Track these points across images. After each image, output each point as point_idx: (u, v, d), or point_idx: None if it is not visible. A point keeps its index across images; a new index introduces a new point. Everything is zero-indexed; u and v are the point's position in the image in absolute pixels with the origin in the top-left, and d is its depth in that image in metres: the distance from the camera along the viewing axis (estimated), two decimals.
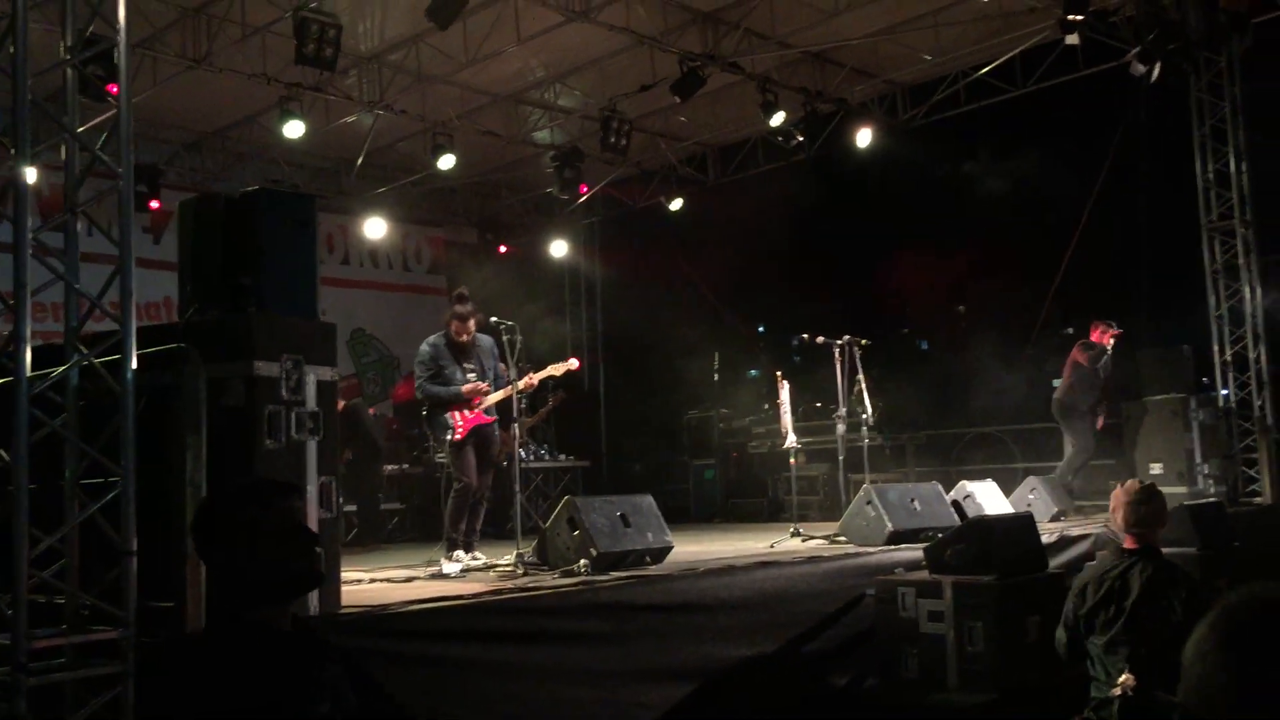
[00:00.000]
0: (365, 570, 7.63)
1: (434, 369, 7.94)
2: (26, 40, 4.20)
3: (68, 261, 4.55)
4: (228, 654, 2.46)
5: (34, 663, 4.10)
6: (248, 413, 4.88)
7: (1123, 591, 4.99)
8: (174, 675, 2.51)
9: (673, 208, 15.67)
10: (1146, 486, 5.22)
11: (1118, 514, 5.14)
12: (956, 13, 11.57)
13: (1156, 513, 5.13)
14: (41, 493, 4.30)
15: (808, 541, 8.82)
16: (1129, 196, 13.47)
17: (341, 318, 15.44)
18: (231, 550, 2.50)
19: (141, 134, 13.35)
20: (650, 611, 6.01)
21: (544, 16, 10.87)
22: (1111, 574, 5.08)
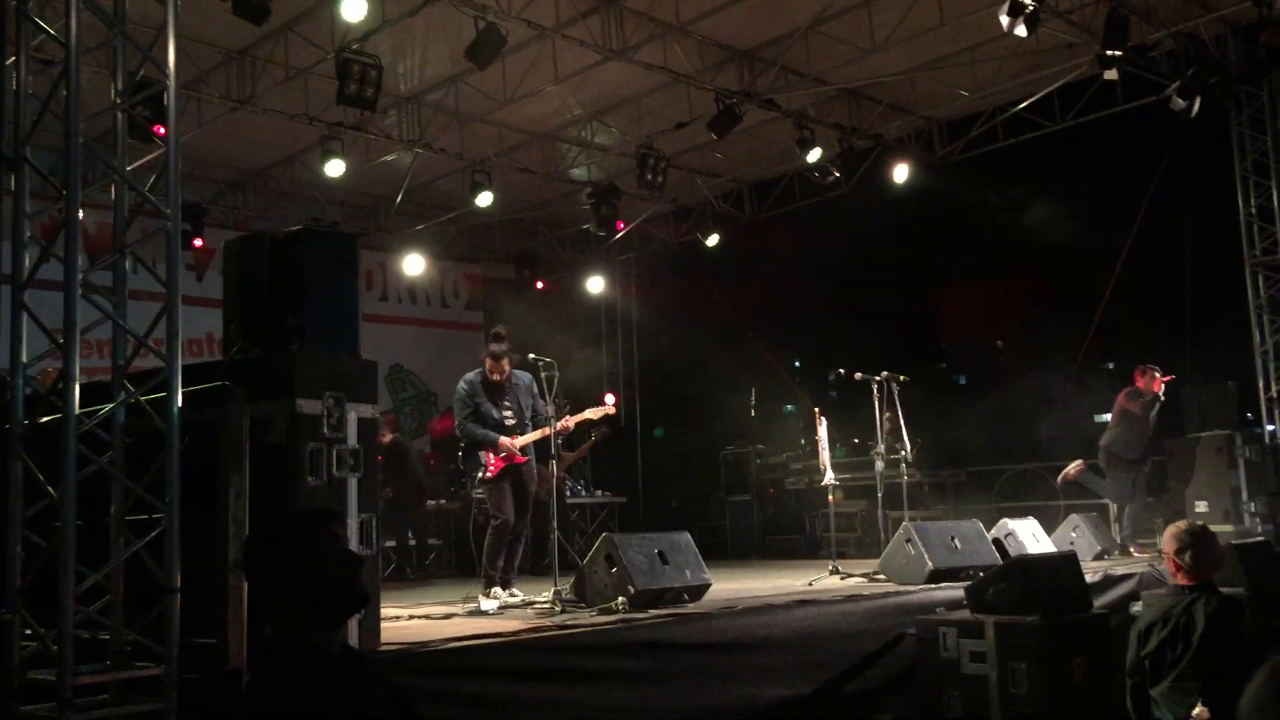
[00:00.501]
0: (404, 606, 7.64)
1: (472, 406, 7.97)
2: (79, 85, 4.29)
3: (116, 300, 4.62)
4: (281, 678, 2.55)
5: (78, 698, 4.13)
6: (290, 450, 4.91)
7: (1188, 627, 4.99)
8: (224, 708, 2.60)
9: (709, 244, 15.71)
10: (1203, 527, 5.29)
11: (1183, 554, 5.12)
12: (993, 48, 11.58)
13: (1219, 552, 5.27)
14: (88, 529, 4.35)
15: (847, 579, 8.74)
16: (1170, 231, 13.34)
17: (379, 354, 15.46)
18: (284, 575, 2.63)
19: (186, 173, 13.54)
20: (688, 650, 5.97)
21: (581, 56, 10.98)
22: (1175, 610, 5.05)
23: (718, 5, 10.60)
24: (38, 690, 4.16)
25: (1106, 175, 13.90)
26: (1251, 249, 11.96)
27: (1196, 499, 11.11)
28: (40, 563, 4.24)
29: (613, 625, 6.09)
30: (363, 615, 5.08)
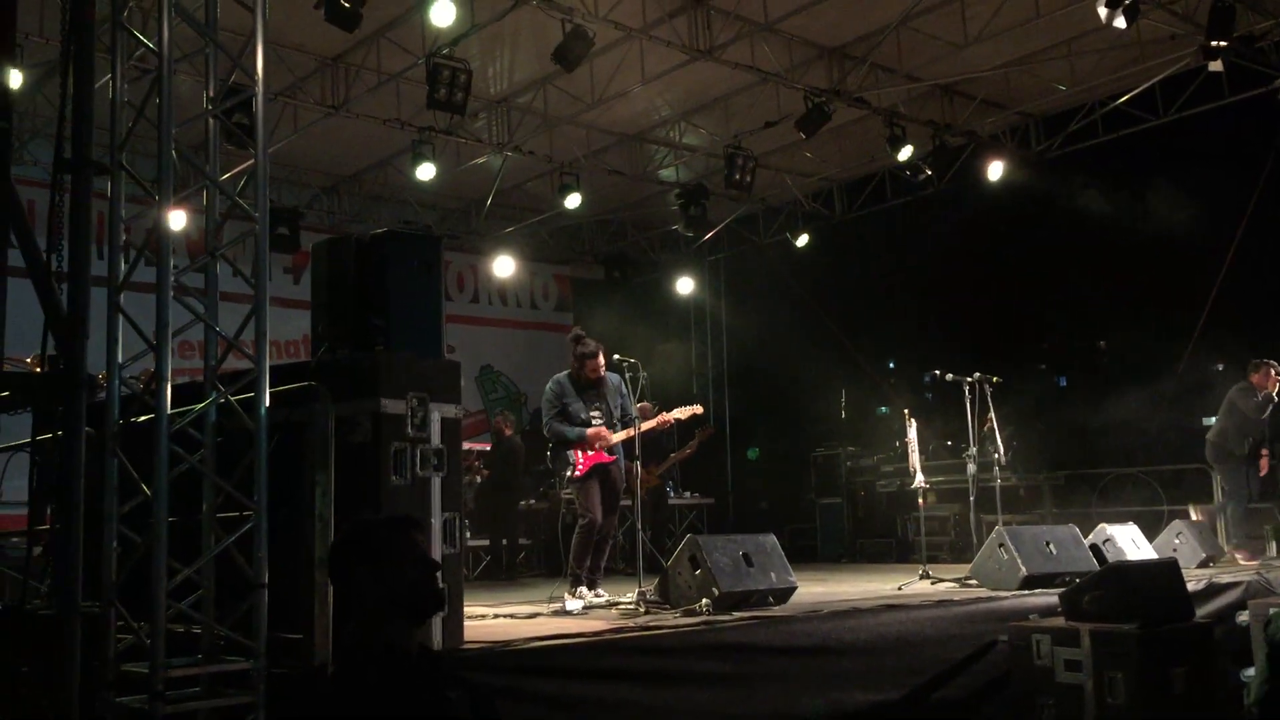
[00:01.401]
0: (490, 605, 7.71)
1: (559, 406, 8.00)
2: (171, 93, 4.40)
3: (207, 303, 4.73)
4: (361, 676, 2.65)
5: (170, 690, 4.24)
6: (374, 449, 4.98)
7: None
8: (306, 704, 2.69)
9: (799, 243, 15.58)
10: None
11: None
12: (1091, 41, 11.27)
13: None
14: (180, 525, 4.46)
15: (937, 584, 8.57)
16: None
17: (470, 355, 15.81)
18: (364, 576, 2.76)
19: (283, 178, 13.94)
20: (773, 653, 5.90)
21: (668, 56, 10.98)
22: None
23: (806, 2, 10.52)
24: (132, 682, 4.27)
25: (1212, 170, 13.41)
26: None
27: None
28: (135, 558, 4.35)
29: (696, 627, 6.05)
30: (446, 614, 5.14)
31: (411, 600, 2.77)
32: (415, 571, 2.78)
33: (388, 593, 2.72)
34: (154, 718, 4.10)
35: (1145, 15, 9.84)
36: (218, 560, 4.58)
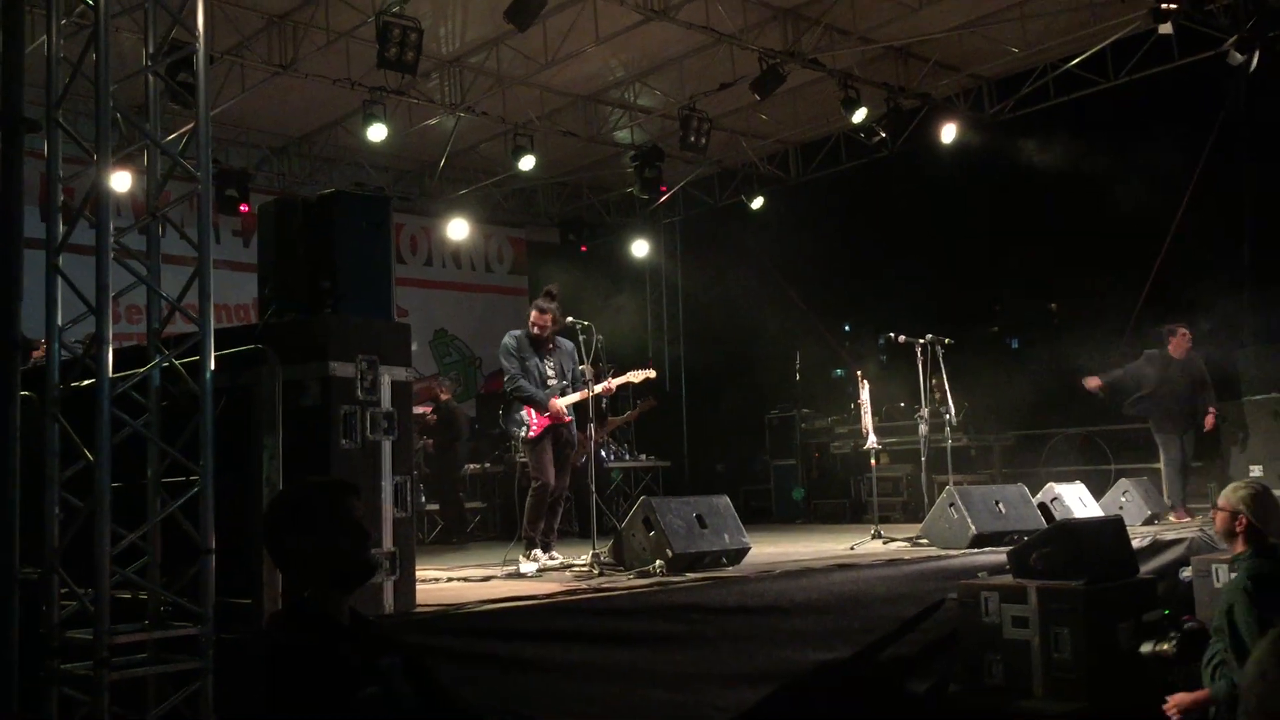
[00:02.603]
0: (444, 569, 7.69)
1: (520, 360, 7.95)
2: (108, 49, 4.29)
3: (150, 264, 4.64)
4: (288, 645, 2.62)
5: (116, 657, 4.20)
6: (323, 413, 4.92)
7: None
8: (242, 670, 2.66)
9: (754, 206, 15.58)
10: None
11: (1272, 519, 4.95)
12: (1044, 3, 11.31)
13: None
14: (125, 491, 4.40)
15: (889, 544, 8.66)
16: (1228, 189, 13.00)
17: (424, 319, 15.70)
18: (296, 541, 2.71)
19: (231, 139, 13.69)
20: (725, 614, 5.94)
21: (623, 16, 10.87)
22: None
23: None
24: (77, 649, 4.22)
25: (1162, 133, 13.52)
26: None
27: (1250, 463, 10.88)
28: (78, 524, 4.29)
29: (649, 588, 6.08)
30: (398, 577, 5.12)
31: (339, 568, 2.71)
32: (344, 539, 2.72)
33: (316, 560, 2.67)
34: (99, 684, 4.06)
35: None
36: (165, 526, 4.53)
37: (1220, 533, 5.10)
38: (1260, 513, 4.93)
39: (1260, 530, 4.92)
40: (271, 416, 4.70)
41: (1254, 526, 4.91)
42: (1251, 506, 4.93)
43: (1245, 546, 4.96)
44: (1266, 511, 4.96)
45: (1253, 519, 4.91)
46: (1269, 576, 4.81)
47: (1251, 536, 4.94)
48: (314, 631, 2.62)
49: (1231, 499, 5.02)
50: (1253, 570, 4.80)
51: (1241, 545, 4.97)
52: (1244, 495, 5.00)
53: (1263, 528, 4.92)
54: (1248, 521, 4.92)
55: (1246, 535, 4.94)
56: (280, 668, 2.52)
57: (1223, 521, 5.04)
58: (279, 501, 2.95)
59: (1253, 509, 4.92)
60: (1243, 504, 4.96)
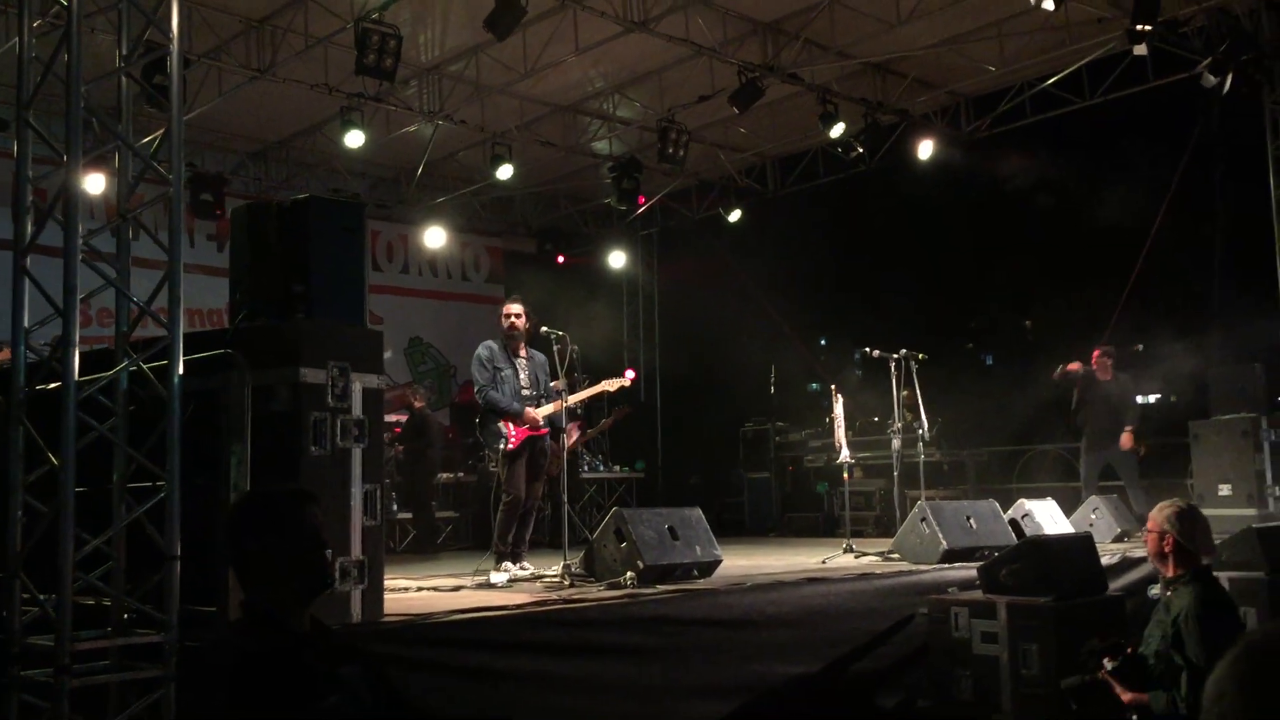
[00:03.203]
0: (414, 578, 7.64)
1: (492, 371, 7.92)
2: (80, 49, 4.25)
3: (119, 267, 4.60)
4: (246, 655, 2.57)
5: (77, 664, 4.14)
6: (293, 419, 4.89)
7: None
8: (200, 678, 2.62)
9: (731, 219, 15.61)
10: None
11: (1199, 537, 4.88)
12: (1021, 23, 11.38)
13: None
14: (90, 495, 4.35)
15: (861, 558, 8.68)
16: (1201, 210, 13.13)
17: (399, 326, 15.64)
18: (255, 549, 2.67)
19: (207, 143, 13.62)
20: (695, 626, 5.93)
21: (602, 27, 10.88)
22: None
23: None
24: (37, 655, 4.16)
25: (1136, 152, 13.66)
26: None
27: (1220, 481, 10.97)
28: (41, 528, 4.24)
29: (619, 600, 6.06)
30: (366, 586, 5.08)
31: (297, 577, 2.68)
32: (302, 548, 2.68)
33: (274, 568, 2.64)
34: (59, 691, 4.01)
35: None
36: (130, 531, 4.48)
37: (1151, 555, 4.95)
38: (1187, 531, 4.82)
39: (1188, 549, 4.81)
40: (240, 422, 4.66)
41: (1181, 545, 4.80)
42: (1178, 526, 4.81)
43: (1178, 569, 4.83)
44: (1193, 530, 4.85)
45: (1179, 538, 4.80)
46: (1215, 602, 4.77)
47: (1181, 557, 4.82)
48: (273, 640, 2.58)
49: (1158, 519, 4.91)
50: (1201, 596, 4.73)
51: (1173, 568, 4.83)
52: (1169, 515, 4.88)
53: (1191, 547, 4.81)
54: (1175, 541, 4.80)
55: (1176, 555, 4.82)
56: (239, 676, 2.48)
57: (1152, 543, 4.92)
58: (238, 508, 2.90)
59: (1179, 528, 4.81)
60: (1169, 523, 4.84)
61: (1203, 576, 4.85)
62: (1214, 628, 4.59)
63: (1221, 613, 4.78)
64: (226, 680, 2.51)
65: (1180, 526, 4.82)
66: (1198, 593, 4.72)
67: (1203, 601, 4.67)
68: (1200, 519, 4.94)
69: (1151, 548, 4.94)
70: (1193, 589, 4.74)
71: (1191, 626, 4.60)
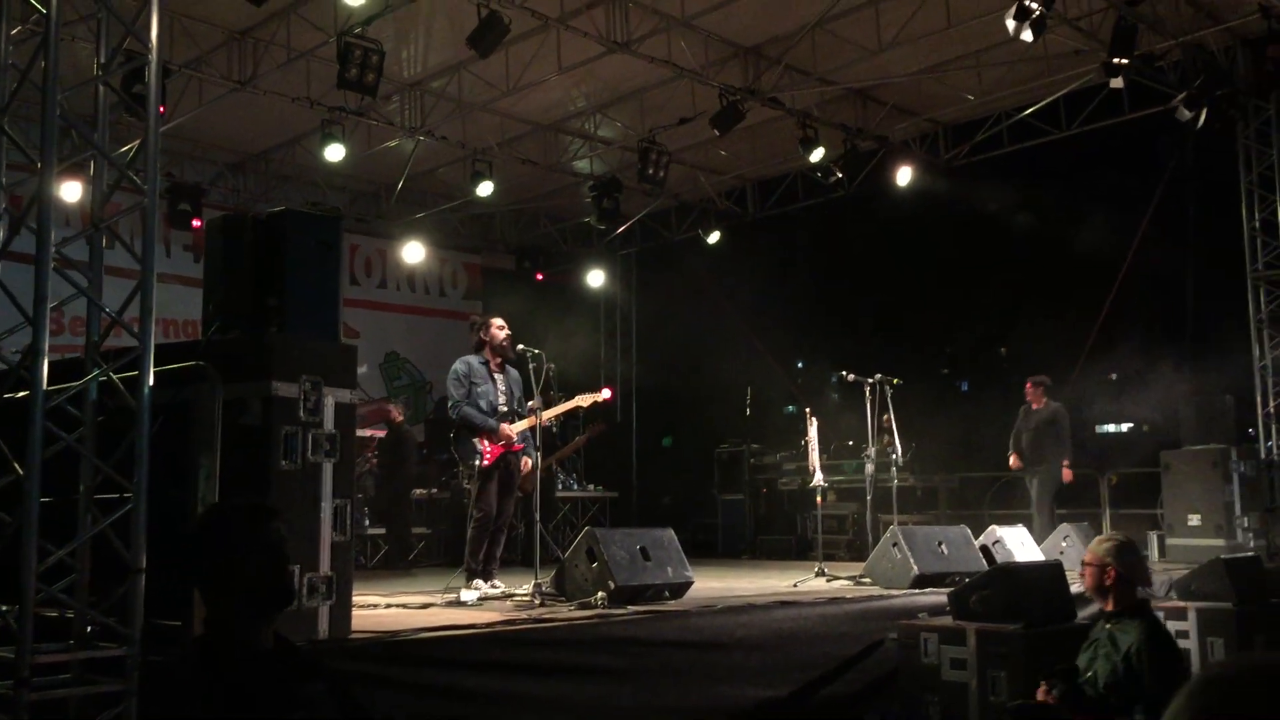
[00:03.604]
0: (384, 595, 7.60)
1: (467, 386, 7.89)
2: (57, 57, 4.23)
3: (91, 276, 4.56)
4: (207, 672, 2.54)
5: (38, 677, 4.09)
6: (264, 433, 4.86)
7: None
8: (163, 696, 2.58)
9: (710, 240, 15.65)
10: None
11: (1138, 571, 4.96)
12: (1000, 53, 11.49)
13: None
14: (56, 506, 4.30)
15: (832, 582, 8.68)
16: (1174, 241, 13.26)
17: (375, 341, 15.59)
18: (215, 563, 2.64)
19: (186, 154, 13.57)
20: (665, 648, 5.92)
21: (585, 47, 10.91)
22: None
23: (723, 0, 10.52)
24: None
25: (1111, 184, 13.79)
26: (1254, 263, 11.87)
27: (1189, 512, 11.05)
28: (5, 539, 4.18)
29: (589, 620, 6.04)
30: (334, 601, 5.04)
31: (256, 592, 2.64)
32: (260, 563, 2.64)
33: (233, 583, 2.61)
34: (19, 704, 3.95)
35: (1051, 30, 10.05)
36: (95, 544, 4.43)
37: (1090, 588, 4.97)
38: (1128, 564, 4.88)
39: (1129, 582, 4.87)
40: (210, 435, 4.63)
41: (1123, 578, 4.85)
42: (1119, 558, 4.87)
43: (1119, 603, 4.88)
44: (1133, 563, 4.92)
45: (1121, 570, 4.85)
46: (1161, 635, 4.84)
47: (1121, 590, 4.86)
48: (234, 656, 2.55)
49: (1099, 552, 4.95)
50: (1149, 630, 4.77)
51: (1114, 601, 4.88)
52: (1110, 548, 4.93)
53: (1132, 579, 4.88)
54: (1116, 573, 4.84)
55: (1116, 589, 4.87)
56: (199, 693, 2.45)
57: (1092, 575, 4.94)
58: (200, 522, 2.88)
59: (1120, 560, 4.86)
60: (1110, 556, 4.88)
61: (1147, 611, 4.94)
62: (1165, 660, 4.68)
63: (1169, 645, 4.87)
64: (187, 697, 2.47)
65: (1121, 559, 4.88)
66: (1146, 627, 4.77)
67: (1151, 636, 4.73)
68: (1138, 553, 5.03)
69: (1091, 581, 4.96)
70: (1140, 623, 4.78)
71: (1145, 660, 4.64)
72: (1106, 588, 4.88)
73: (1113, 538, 5.05)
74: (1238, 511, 10.90)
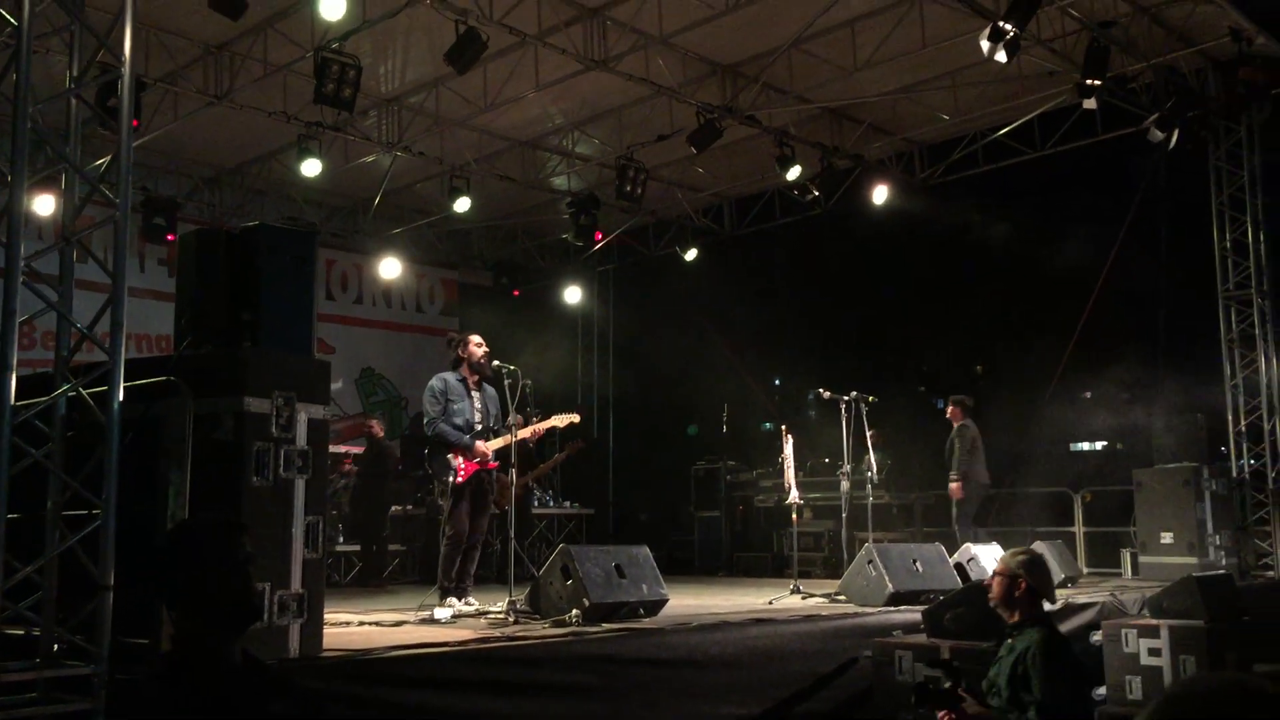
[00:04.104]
0: (357, 612, 7.54)
1: (443, 404, 7.87)
2: (29, 69, 4.21)
3: (62, 290, 4.53)
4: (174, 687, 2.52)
5: (3, 696, 4.04)
6: (236, 449, 4.83)
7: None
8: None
9: (688, 257, 15.67)
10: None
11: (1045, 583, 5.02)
12: (975, 74, 11.59)
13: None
14: (23, 522, 4.26)
15: (807, 599, 8.68)
16: (1146, 261, 13.39)
17: (351, 356, 15.53)
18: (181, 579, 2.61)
19: (161, 167, 13.50)
20: (639, 665, 5.89)
21: (563, 64, 10.93)
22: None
23: (700, 19, 10.56)
24: None
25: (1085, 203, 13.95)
26: (1225, 282, 11.97)
27: (1161, 530, 11.11)
28: None
29: (563, 638, 6.02)
30: (305, 619, 5.00)
31: (223, 609, 2.61)
32: (229, 579, 2.62)
33: (200, 599, 2.58)
34: None
35: (1025, 51, 10.14)
36: (63, 561, 4.38)
37: (998, 599, 5.01)
38: (1037, 577, 4.96)
39: (1037, 594, 4.95)
40: (180, 451, 4.59)
41: (1032, 590, 4.93)
42: (1030, 572, 4.95)
43: (1024, 613, 4.94)
44: (1043, 576, 5.01)
45: (1031, 582, 4.93)
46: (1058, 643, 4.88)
47: (1029, 602, 4.94)
48: (201, 674, 2.52)
49: (1010, 564, 5.03)
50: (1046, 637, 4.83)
51: (1020, 612, 4.94)
52: (1022, 561, 5.01)
53: (1039, 591, 4.96)
54: (1027, 585, 4.92)
55: (1025, 600, 4.94)
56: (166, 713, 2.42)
57: (1001, 587, 5.00)
58: (166, 538, 2.84)
59: (1031, 573, 4.94)
60: (1022, 569, 4.96)
61: (1047, 621, 5.00)
62: (1057, 667, 4.73)
63: (1064, 653, 4.88)
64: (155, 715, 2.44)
65: (1032, 572, 4.96)
66: (1043, 635, 4.83)
67: (1047, 642, 4.79)
68: (1046, 568, 5.11)
69: (999, 592, 5.02)
70: (1039, 631, 4.86)
71: (1037, 665, 4.70)
72: (1015, 599, 4.95)
73: (1026, 551, 5.15)
74: (1210, 529, 10.97)
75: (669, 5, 10.36)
